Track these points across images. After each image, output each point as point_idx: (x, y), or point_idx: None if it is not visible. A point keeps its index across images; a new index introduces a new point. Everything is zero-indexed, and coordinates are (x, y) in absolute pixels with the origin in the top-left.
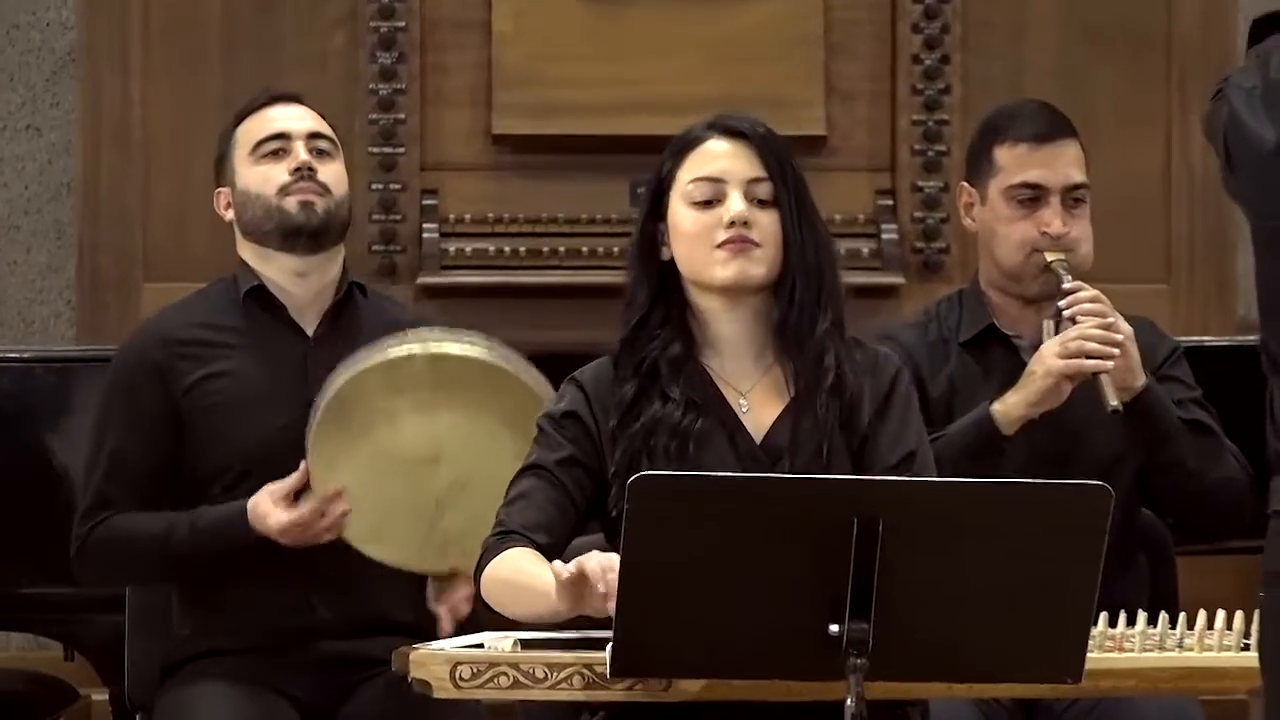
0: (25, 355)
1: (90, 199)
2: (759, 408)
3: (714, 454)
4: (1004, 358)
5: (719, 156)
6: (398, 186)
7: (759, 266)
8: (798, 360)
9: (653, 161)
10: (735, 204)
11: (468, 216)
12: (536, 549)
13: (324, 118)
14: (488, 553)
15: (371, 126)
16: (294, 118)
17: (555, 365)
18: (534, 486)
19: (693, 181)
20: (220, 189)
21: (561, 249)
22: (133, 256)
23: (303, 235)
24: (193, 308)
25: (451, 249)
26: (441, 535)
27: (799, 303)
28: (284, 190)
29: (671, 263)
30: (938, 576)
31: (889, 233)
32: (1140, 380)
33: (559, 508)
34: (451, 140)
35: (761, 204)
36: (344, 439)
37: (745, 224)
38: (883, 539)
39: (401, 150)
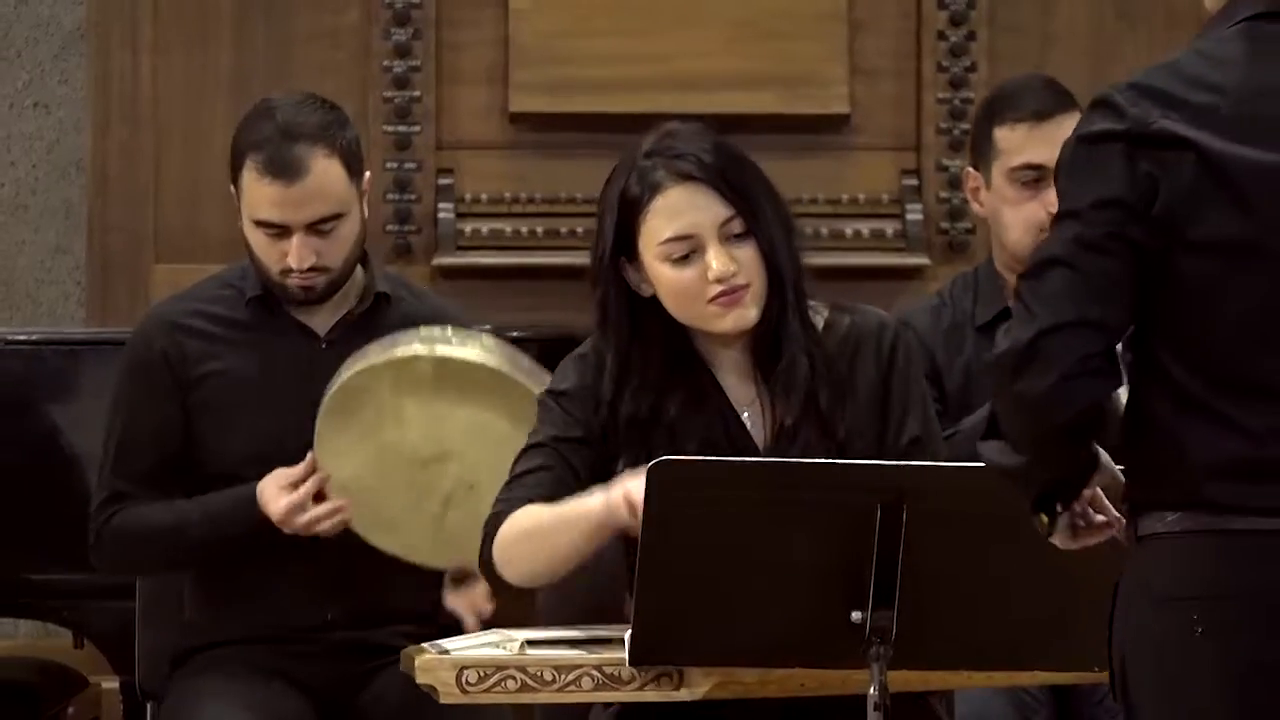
0: (34, 337)
1: (99, 178)
2: (757, 423)
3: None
4: None
5: (685, 210)
6: (413, 166)
7: (753, 307)
8: (774, 377)
9: None
10: (717, 258)
11: (484, 196)
12: None
13: (339, 146)
14: (492, 522)
15: (386, 104)
16: (294, 205)
17: (572, 348)
18: (536, 463)
19: (666, 242)
20: (234, 188)
21: (580, 229)
22: (143, 237)
23: (305, 304)
24: (202, 295)
25: (468, 229)
26: (449, 532)
27: (774, 323)
28: (284, 273)
29: (653, 299)
30: (963, 563)
31: (914, 213)
32: None
33: (562, 484)
34: (468, 118)
35: (737, 239)
36: (352, 432)
37: (733, 276)
38: (907, 524)
39: (417, 129)
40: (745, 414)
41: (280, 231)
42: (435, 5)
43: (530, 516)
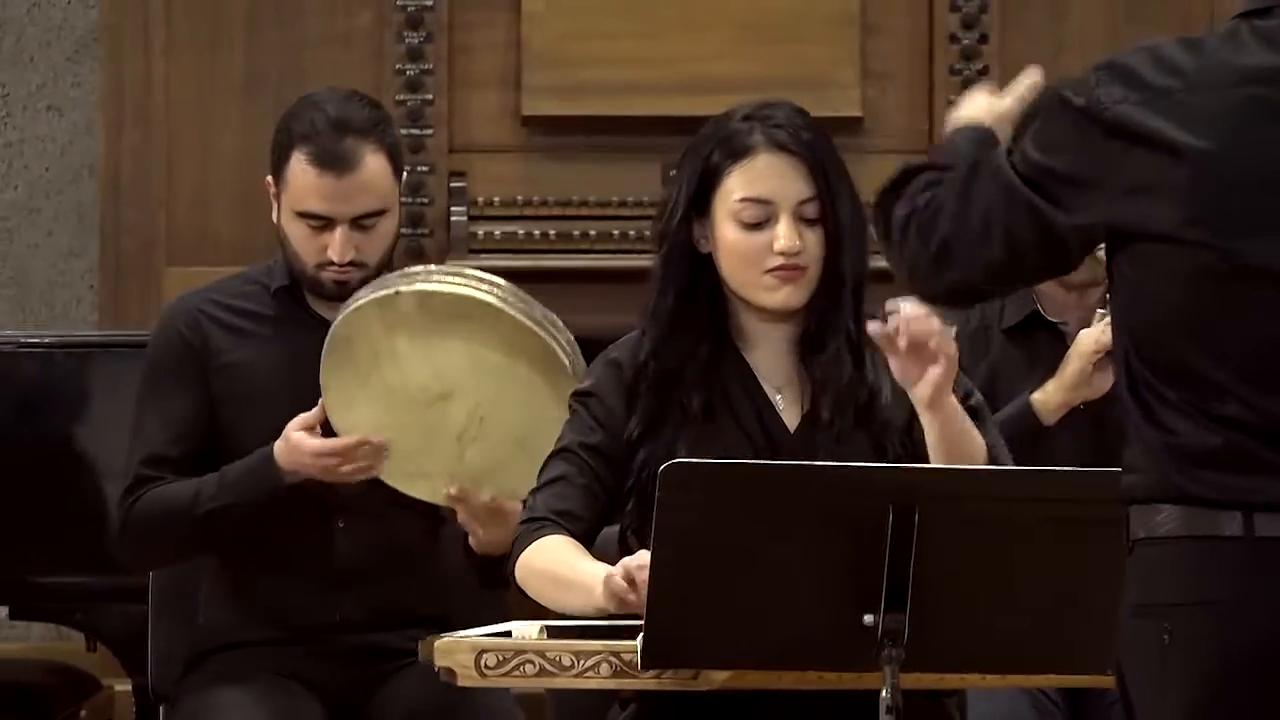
0: (47, 340)
1: (112, 181)
2: (790, 404)
3: (743, 439)
4: (1049, 345)
5: (769, 176)
6: (425, 169)
7: (804, 291)
8: (815, 374)
9: (686, 142)
10: (786, 232)
11: (496, 199)
12: (569, 536)
13: (386, 143)
14: (520, 540)
15: (399, 108)
16: (342, 198)
17: (586, 351)
18: (565, 471)
19: (742, 201)
20: (270, 180)
21: (592, 232)
22: (155, 239)
23: (337, 298)
24: (225, 289)
25: (480, 232)
26: (470, 468)
27: (823, 318)
28: (321, 266)
29: (708, 257)
30: (975, 566)
31: None
32: None
33: (590, 494)
34: (480, 122)
35: (809, 222)
36: (353, 378)
37: (797, 253)
38: (919, 527)
39: (429, 132)
40: (778, 397)
41: (324, 224)
42: (447, 9)
43: (547, 558)
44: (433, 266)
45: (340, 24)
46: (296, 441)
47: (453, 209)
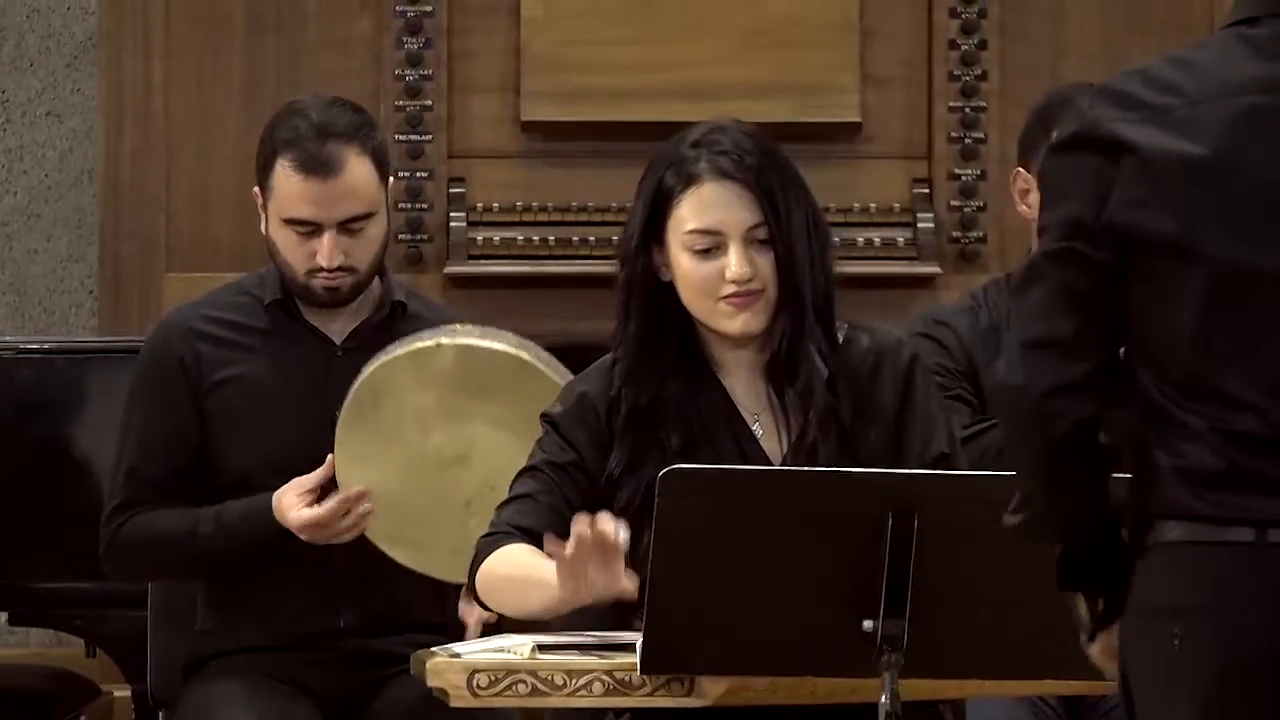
0: (46, 346)
1: (112, 186)
2: (769, 433)
3: (726, 459)
4: None
5: (716, 205)
6: (424, 174)
7: (762, 315)
8: (789, 393)
9: None
10: (736, 260)
11: (496, 205)
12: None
13: (371, 147)
14: (481, 551)
15: (398, 113)
16: (328, 203)
17: (584, 357)
18: (531, 489)
19: (691, 232)
20: (257, 191)
21: (592, 238)
22: (155, 245)
23: (328, 306)
24: (219, 302)
25: (479, 238)
26: (470, 541)
27: (789, 332)
28: (310, 272)
29: (671, 285)
30: (974, 571)
31: (925, 221)
32: None
33: (554, 512)
34: (479, 127)
35: (761, 244)
36: (373, 436)
37: (749, 279)
38: (918, 533)
39: (428, 137)
40: (756, 425)
41: (311, 231)
42: (447, 14)
43: (508, 563)
44: (471, 326)
45: (340, 29)
46: (285, 507)
47: (452, 214)
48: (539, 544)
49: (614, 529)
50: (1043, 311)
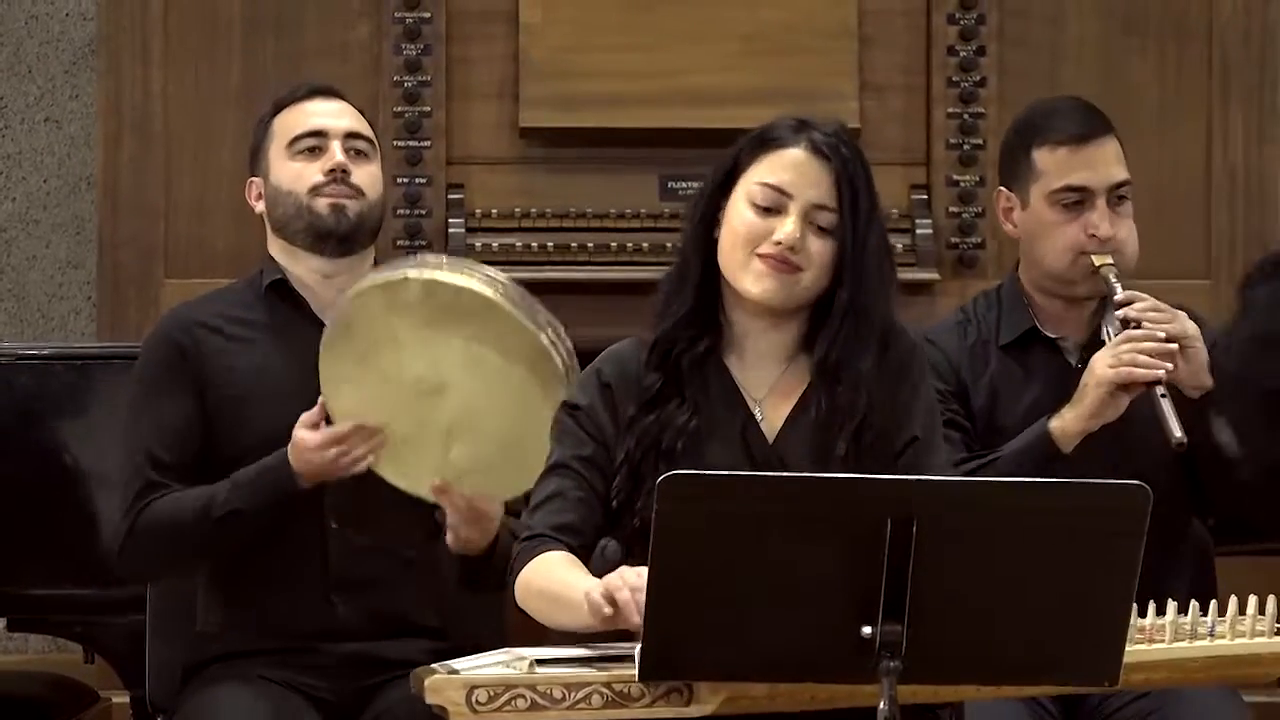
0: (45, 352)
1: (110, 193)
2: (772, 412)
3: (724, 454)
4: (1047, 360)
5: (792, 168)
6: (423, 180)
7: (790, 291)
8: (832, 393)
9: (684, 155)
10: (789, 226)
11: (494, 211)
12: (569, 551)
13: (362, 113)
14: (519, 558)
15: (396, 119)
16: (333, 114)
17: (583, 362)
18: (560, 486)
19: (759, 184)
20: (253, 179)
21: (590, 244)
22: (154, 251)
23: (332, 238)
24: (217, 299)
25: (478, 244)
26: (453, 468)
27: (842, 339)
28: (316, 190)
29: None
30: (973, 577)
31: (923, 228)
32: (1209, 380)
33: (587, 506)
34: (478, 133)
35: (820, 230)
36: (350, 358)
37: (793, 249)
38: (917, 539)
39: (427, 144)
40: (757, 409)
41: (317, 145)
42: (445, 20)
43: (542, 576)
44: (444, 258)
45: (338, 36)
46: (298, 439)
47: (450, 220)
48: (575, 538)
49: (628, 597)
50: None
